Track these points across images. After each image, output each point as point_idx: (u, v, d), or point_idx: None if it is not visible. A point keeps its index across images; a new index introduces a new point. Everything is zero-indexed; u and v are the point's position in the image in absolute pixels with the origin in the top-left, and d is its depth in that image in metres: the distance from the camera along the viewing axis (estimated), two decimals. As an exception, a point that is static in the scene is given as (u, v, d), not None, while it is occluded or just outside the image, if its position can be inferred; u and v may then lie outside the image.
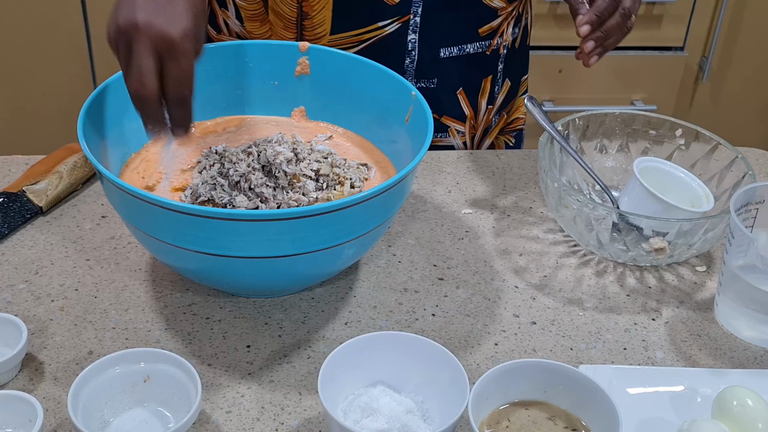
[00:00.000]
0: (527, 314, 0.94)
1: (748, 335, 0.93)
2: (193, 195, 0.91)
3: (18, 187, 1.04)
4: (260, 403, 0.83)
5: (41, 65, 2.06)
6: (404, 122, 0.96)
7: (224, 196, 0.89)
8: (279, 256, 0.82)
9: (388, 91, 0.98)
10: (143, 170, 0.96)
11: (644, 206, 0.99)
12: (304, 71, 1.02)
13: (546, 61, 2.17)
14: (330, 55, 1.01)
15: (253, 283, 0.90)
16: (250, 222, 0.79)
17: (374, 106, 1.00)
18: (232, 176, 0.90)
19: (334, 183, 0.93)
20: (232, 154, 0.93)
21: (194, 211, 0.79)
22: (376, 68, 0.99)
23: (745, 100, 2.35)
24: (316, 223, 0.80)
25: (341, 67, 1.01)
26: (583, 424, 0.78)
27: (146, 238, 0.85)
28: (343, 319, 0.92)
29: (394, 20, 1.12)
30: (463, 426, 0.78)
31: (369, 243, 0.89)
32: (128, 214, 0.85)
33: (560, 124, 1.07)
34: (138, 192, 0.79)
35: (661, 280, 1.00)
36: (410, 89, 0.95)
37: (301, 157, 0.92)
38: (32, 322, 0.90)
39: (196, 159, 0.97)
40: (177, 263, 0.88)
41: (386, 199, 0.84)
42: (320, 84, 1.03)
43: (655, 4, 2.13)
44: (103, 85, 0.93)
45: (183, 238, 0.81)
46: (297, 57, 1.02)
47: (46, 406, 0.81)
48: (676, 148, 1.10)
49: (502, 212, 1.09)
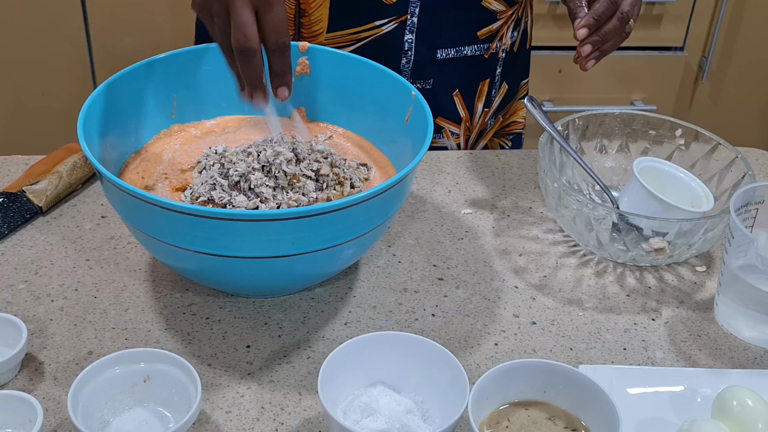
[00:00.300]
0: (527, 314, 0.94)
1: (748, 335, 0.93)
2: (192, 195, 0.91)
3: (18, 187, 1.04)
4: (260, 403, 0.83)
5: (41, 65, 2.06)
6: (404, 122, 0.96)
7: (224, 196, 0.89)
8: (279, 256, 0.82)
9: (388, 91, 0.98)
10: (143, 170, 0.96)
11: (644, 206, 0.99)
12: (303, 71, 1.02)
13: (546, 61, 2.17)
14: (329, 55, 1.01)
15: (252, 283, 0.90)
16: (249, 222, 0.79)
17: (374, 106, 1.00)
18: (231, 176, 0.90)
19: (334, 183, 0.93)
20: (232, 154, 0.93)
21: (193, 211, 0.79)
22: (375, 68, 0.99)
23: (745, 101, 2.35)
24: (316, 223, 0.80)
25: (341, 67, 1.01)
26: (583, 424, 0.78)
27: (146, 238, 0.85)
28: (343, 319, 0.92)
29: (391, 20, 1.12)
30: (463, 426, 0.78)
31: (369, 243, 0.89)
32: (128, 214, 0.85)
33: (560, 124, 1.07)
34: (137, 192, 0.79)
35: (661, 280, 1.00)
36: (410, 89, 0.95)
37: (301, 157, 0.92)
38: (32, 322, 0.90)
39: (196, 159, 0.97)
40: (177, 263, 0.88)
41: (386, 199, 0.84)
42: (320, 84, 1.03)
43: (655, 4, 2.13)
44: (104, 84, 0.93)
45: (182, 239, 0.81)
46: (297, 57, 1.02)
47: (46, 406, 0.81)
48: (676, 148, 1.10)
49: (501, 212, 1.09)
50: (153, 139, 1.00)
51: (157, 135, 1.01)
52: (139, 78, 0.97)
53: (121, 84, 0.95)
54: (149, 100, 0.99)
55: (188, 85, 1.01)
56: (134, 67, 0.97)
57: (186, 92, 1.02)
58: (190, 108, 1.03)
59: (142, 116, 0.99)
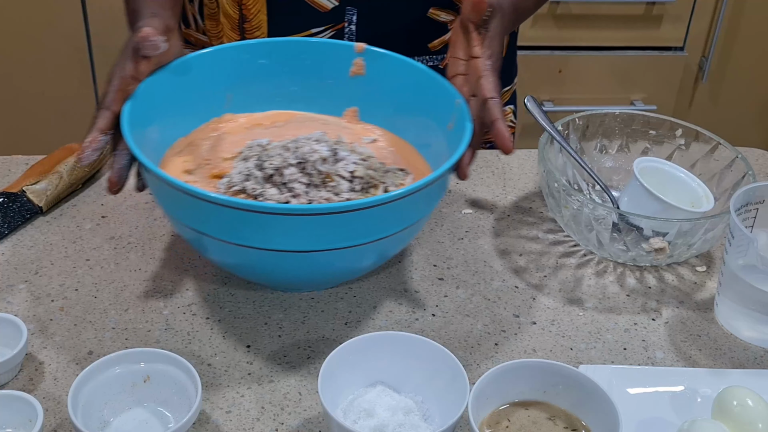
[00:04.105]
0: (527, 314, 0.94)
1: (748, 335, 0.93)
2: (228, 184, 0.92)
3: (18, 187, 1.04)
4: (260, 403, 0.83)
5: (41, 65, 2.06)
6: (446, 128, 0.96)
7: (257, 188, 0.90)
8: (292, 250, 0.82)
9: (435, 97, 0.97)
10: (187, 155, 0.98)
11: (644, 206, 0.99)
12: (358, 72, 1.03)
13: (546, 61, 2.17)
14: (385, 57, 1.02)
15: (269, 275, 0.91)
16: (263, 214, 0.80)
17: (421, 111, 1.00)
18: (266, 169, 0.91)
19: (368, 186, 0.93)
20: (272, 148, 0.94)
21: (213, 199, 0.80)
22: (427, 73, 0.99)
23: (745, 101, 2.35)
24: (330, 221, 0.80)
25: (395, 70, 1.01)
26: (583, 424, 0.78)
27: (173, 221, 0.87)
28: (343, 319, 0.92)
29: (328, 27, 1.12)
30: (463, 426, 0.78)
31: (393, 246, 0.89)
32: (157, 195, 0.88)
33: (560, 124, 1.07)
34: (164, 176, 0.81)
35: (661, 280, 1.00)
36: (455, 96, 0.94)
37: (340, 157, 0.92)
38: (32, 322, 0.90)
39: (239, 149, 0.98)
40: (199, 247, 0.89)
41: (403, 206, 0.83)
42: (373, 86, 1.03)
43: (655, 4, 2.13)
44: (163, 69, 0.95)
45: (206, 225, 0.83)
46: (352, 58, 1.02)
47: (46, 406, 0.81)
48: (676, 148, 1.10)
49: (502, 212, 1.09)
50: (202, 126, 1.02)
51: (208, 122, 1.02)
52: (196, 66, 0.98)
53: (180, 70, 0.97)
54: (205, 88, 1.00)
55: (245, 77, 1.02)
56: (193, 56, 0.98)
57: (242, 84, 1.03)
58: (243, 99, 1.04)
59: (196, 103, 1.00)
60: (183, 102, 0.98)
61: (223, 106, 1.03)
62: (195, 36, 1.23)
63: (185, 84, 0.98)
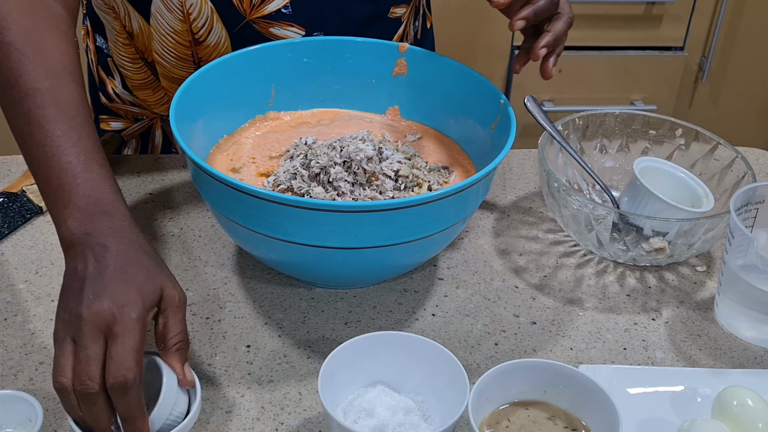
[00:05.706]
0: (527, 314, 0.94)
1: (748, 335, 0.93)
2: (275, 182, 0.93)
3: (18, 187, 1.04)
4: (260, 403, 0.83)
5: (41, 65, 2.06)
6: (491, 129, 0.96)
7: (303, 186, 0.91)
8: (335, 247, 0.83)
9: (479, 96, 0.98)
10: (233, 153, 0.99)
11: (644, 206, 0.99)
12: (401, 71, 1.04)
13: (546, 61, 2.16)
14: (428, 57, 1.03)
15: (306, 271, 0.92)
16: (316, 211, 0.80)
17: (465, 110, 1.01)
18: (312, 167, 0.91)
19: (412, 185, 0.93)
20: (318, 147, 0.94)
21: (263, 195, 0.80)
22: (470, 74, 1.00)
23: (745, 100, 2.35)
24: (372, 219, 0.81)
25: (437, 70, 1.02)
26: (583, 424, 0.78)
27: (217, 215, 0.88)
28: (343, 319, 0.92)
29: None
30: (463, 426, 0.78)
31: (432, 246, 0.90)
32: (201, 189, 0.88)
33: (560, 124, 1.07)
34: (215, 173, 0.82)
35: (661, 280, 1.00)
36: (500, 96, 0.95)
37: (384, 156, 0.93)
38: (32, 321, 0.90)
39: (285, 148, 0.99)
40: (241, 241, 0.90)
41: (443, 206, 0.84)
42: (416, 85, 1.04)
43: (655, 4, 2.13)
44: (207, 67, 0.96)
45: (254, 222, 0.83)
46: (396, 57, 1.03)
47: (46, 406, 0.81)
48: (676, 148, 1.10)
49: (502, 212, 1.09)
50: (248, 123, 1.03)
51: (252, 120, 1.03)
52: (242, 64, 1.00)
53: (224, 68, 0.98)
54: (249, 86, 1.02)
55: (289, 75, 1.04)
56: (238, 53, 0.99)
57: (286, 82, 1.04)
58: (287, 97, 1.05)
59: (241, 101, 1.02)
60: (228, 99, 1.00)
61: (267, 104, 1.04)
62: (124, 109, 1.21)
63: (229, 82, 0.99)
